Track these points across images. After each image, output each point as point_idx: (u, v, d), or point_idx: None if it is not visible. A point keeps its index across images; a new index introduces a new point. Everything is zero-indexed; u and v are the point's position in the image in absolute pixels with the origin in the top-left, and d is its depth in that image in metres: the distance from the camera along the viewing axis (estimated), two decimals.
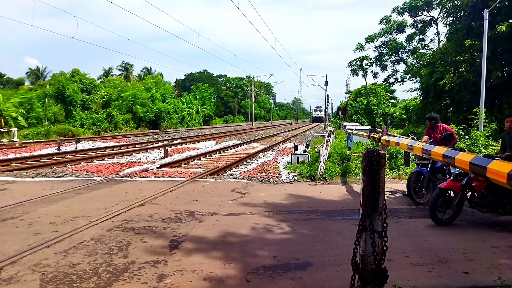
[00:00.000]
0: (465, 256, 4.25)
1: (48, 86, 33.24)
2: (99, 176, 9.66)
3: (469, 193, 5.59)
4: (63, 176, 9.42)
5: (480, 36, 15.93)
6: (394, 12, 36.35)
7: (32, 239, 4.61)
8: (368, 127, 21.03)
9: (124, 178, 9.20)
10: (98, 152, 15.69)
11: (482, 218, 5.88)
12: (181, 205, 6.51)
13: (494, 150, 9.17)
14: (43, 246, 4.32)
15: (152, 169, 10.96)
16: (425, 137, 7.27)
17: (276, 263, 3.98)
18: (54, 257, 4.04)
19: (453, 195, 5.56)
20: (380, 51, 39.88)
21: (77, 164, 12.32)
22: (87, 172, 10.52)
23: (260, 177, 9.73)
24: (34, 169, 10.54)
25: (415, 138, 7.72)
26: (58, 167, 11.41)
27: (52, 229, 5.00)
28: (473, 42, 18.00)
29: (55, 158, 13.38)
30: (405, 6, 35.04)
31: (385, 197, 2.59)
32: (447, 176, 6.61)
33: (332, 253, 4.31)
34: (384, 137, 8.81)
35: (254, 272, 3.73)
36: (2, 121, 23.63)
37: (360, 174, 10.00)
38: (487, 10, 15.31)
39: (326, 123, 48.89)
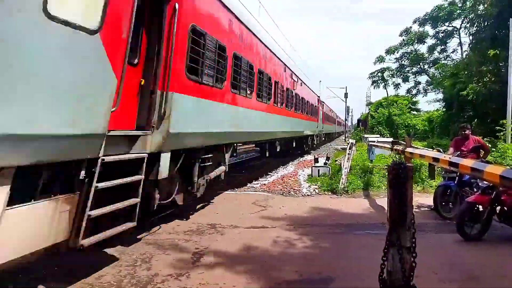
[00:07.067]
0: (495, 273, 4.09)
1: None
2: None
3: (498, 207, 5.39)
4: None
5: (506, 46, 15.57)
6: (415, 23, 36.09)
7: None
8: (390, 139, 20.69)
9: None
10: None
11: None
12: (202, 217, 6.52)
13: None
14: None
15: None
16: (451, 149, 7.08)
17: (299, 278, 3.92)
18: None
19: (482, 209, 5.37)
20: (400, 62, 39.55)
21: None
22: None
23: (281, 189, 9.68)
24: None
25: (441, 150, 7.52)
26: None
27: None
28: (498, 52, 17.60)
29: None
30: (426, 17, 34.74)
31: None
32: (475, 189, 6.40)
33: (355, 268, 4.22)
34: (409, 149, 8.63)
35: (277, 287, 3.69)
36: None
37: (383, 187, 9.85)
38: None
39: (346, 135, 48.37)
